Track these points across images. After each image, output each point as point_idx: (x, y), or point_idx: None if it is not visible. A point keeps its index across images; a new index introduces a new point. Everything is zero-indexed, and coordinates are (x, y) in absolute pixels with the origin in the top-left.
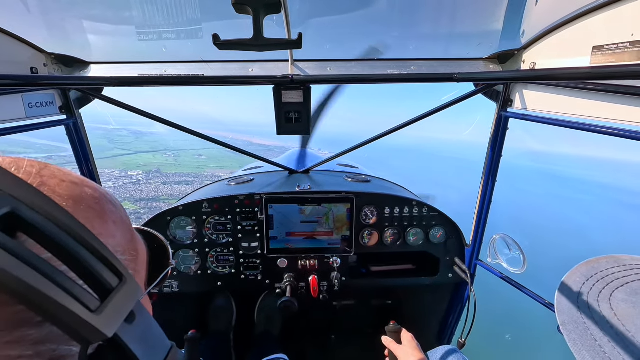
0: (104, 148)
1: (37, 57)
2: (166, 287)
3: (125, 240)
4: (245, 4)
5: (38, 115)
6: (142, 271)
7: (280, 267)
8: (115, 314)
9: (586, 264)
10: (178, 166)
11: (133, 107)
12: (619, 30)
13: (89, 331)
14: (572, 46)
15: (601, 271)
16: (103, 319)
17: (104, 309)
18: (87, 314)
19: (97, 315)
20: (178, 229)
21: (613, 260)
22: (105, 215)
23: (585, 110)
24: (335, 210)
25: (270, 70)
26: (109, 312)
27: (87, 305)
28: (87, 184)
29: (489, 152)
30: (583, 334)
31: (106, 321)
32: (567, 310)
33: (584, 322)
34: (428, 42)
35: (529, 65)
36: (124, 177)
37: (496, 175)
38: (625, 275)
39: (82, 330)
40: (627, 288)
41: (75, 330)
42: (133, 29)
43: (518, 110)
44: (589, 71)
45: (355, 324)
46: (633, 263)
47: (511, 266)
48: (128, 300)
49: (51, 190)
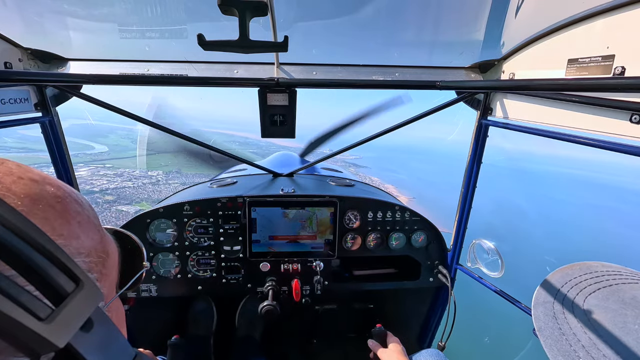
0: (127, 148)
1: (11, 52)
2: (144, 292)
3: (91, 242)
4: (232, 5)
5: (11, 112)
6: (112, 274)
7: (262, 271)
8: (68, 322)
9: (560, 271)
10: (198, 166)
11: (113, 105)
12: (592, 44)
13: (38, 342)
14: (549, 58)
15: (575, 278)
16: (54, 328)
17: (56, 317)
18: (35, 324)
19: (47, 325)
20: (158, 232)
21: (585, 267)
22: (68, 215)
23: (561, 120)
24: (319, 214)
25: (256, 73)
26: (62, 320)
27: (36, 313)
28: (50, 182)
29: (469, 158)
30: (558, 339)
31: (57, 330)
32: (542, 316)
33: (559, 327)
34: (412, 50)
35: (508, 75)
36: (144, 177)
37: (476, 181)
38: (597, 282)
39: (29, 341)
40: (599, 294)
41: (23, 342)
42: (115, 26)
43: (498, 118)
44: (564, 83)
45: (338, 328)
46: (604, 270)
47: (490, 270)
48: (85, 307)
49: (5, 188)
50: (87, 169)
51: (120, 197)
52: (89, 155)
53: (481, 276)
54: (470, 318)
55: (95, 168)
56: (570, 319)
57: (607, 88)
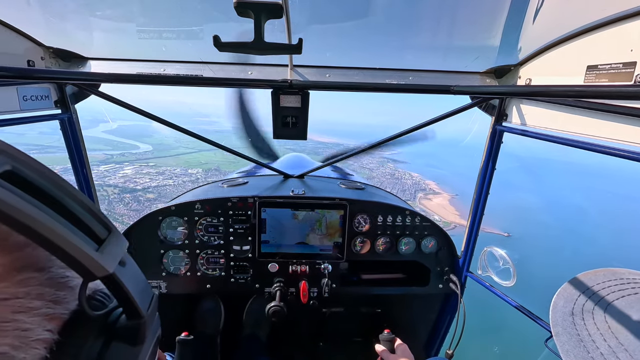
0: (170, 147)
1: (34, 50)
2: (154, 288)
3: None
4: (248, 7)
5: (32, 108)
6: None
7: (270, 272)
8: (113, 255)
9: (583, 276)
10: (237, 164)
11: (130, 104)
12: (612, 51)
13: (94, 266)
14: (568, 64)
15: (598, 284)
16: (105, 257)
17: (104, 249)
18: (92, 251)
19: (100, 254)
20: (169, 229)
21: (610, 273)
22: None
23: (579, 127)
24: (329, 217)
25: (270, 74)
26: (109, 252)
27: (91, 245)
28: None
29: (482, 164)
30: (576, 346)
31: (107, 259)
32: (561, 321)
33: (577, 333)
34: (427, 54)
35: (524, 81)
36: (184, 175)
37: (489, 187)
38: (622, 289)
39: (88, 265)
40: (623, 302)
41: (82, 265)
42: (134, 27)
43: (513, 124)
44: (583, 90)
45: (344, 331)
46: (630, 277)
47: (501, 279)
48: (119, 247)
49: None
50: (131, 168)
51: (161, 195)
52: (134, 155)
53: (492, 284)
54: (479, 326)
55: (140, 167)
56: (590, 325)
57: (629, 96)
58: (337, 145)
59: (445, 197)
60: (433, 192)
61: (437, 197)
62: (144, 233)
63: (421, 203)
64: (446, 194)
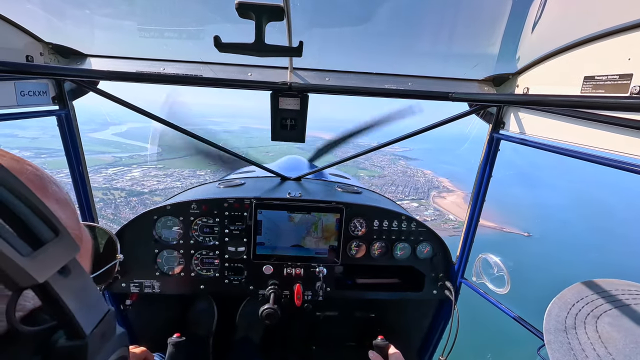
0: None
1: (33, 46)
2: (147, 288)
3: (68, 221)
4: (249, 9)
5: (29, 104)
6: (83, 262)
7: (265, 274)
8: (47, 262)
9: (579, 286)
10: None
11: (128, 103)
12: (609, 63)
13: (19, 275)
14: (565, 74)
15: (592, 294)
16: (34, 264)
17: (37, 256)
18: (17, 256)
19: (28, 259)
20: (164, 229)
21: (607, 283)
22: (46, 191)
23: (575, 137)
24: (325, 220)
25: (269, 76)
26: (41, 259)
27: (18, 249)
28: (29, 164)
29: (479, 171)
30: (566, 354)
31: (37, 266)
32: (553, 329)
33: (568, 342)
34: (426, 60)
35: (522, 90)
36: (192, 176)
37: (485, 195)
38: (616, 299)
39: (10, 272)
40: (615, 312)
41: (5, 273)
42: (135, 25)
43: (510, 132)
44: (580, 100)
45: (338, 335)
46: (627, 288)
47: (495, 286)
48: (63, 254)
49: None
50: (139, 170)
51: (169, 197)
52: (142, 157)
53: (486, 291)
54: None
55: (147, 169)
56: (581, 334)
57: (625, 107)
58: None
59: (460, 195)
60: (447, 189)
61: (451, 195)
62: (138, 232)
63: (435, 202)
64: (460, 191)
